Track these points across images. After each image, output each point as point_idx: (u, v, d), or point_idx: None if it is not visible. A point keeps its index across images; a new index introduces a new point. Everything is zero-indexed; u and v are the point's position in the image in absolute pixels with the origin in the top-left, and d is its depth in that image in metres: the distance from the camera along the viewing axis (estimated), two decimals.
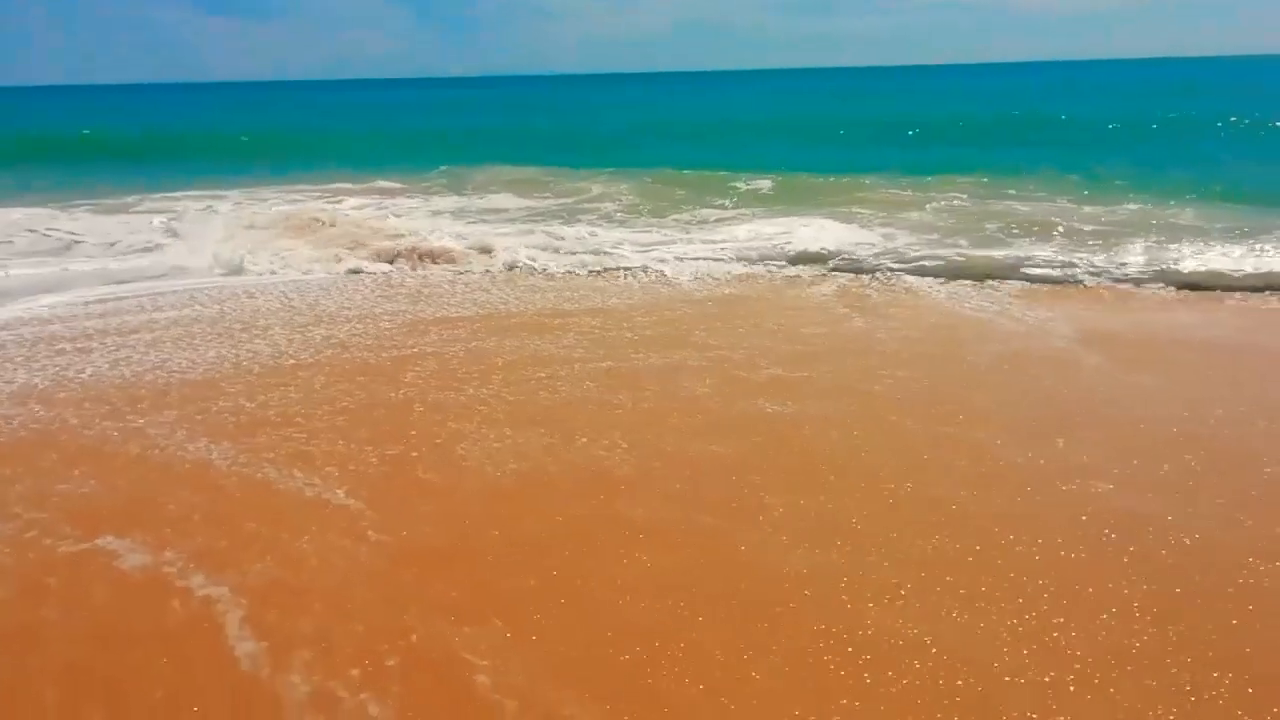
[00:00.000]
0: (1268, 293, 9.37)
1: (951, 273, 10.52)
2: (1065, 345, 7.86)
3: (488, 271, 11.67)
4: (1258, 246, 10.98)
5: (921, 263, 10.86)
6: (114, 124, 45.66)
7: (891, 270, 10.78)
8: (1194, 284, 9.68)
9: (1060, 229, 12.95)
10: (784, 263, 11.52)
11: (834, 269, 11.10)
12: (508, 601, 4.24)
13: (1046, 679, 3.59)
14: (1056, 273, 10.37)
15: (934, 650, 3.78)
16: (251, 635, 4.01)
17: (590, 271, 11.49)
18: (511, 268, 11.74)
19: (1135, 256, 10.77)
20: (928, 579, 4.28)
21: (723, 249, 12.31)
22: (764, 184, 18.51)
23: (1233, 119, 30.08)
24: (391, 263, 12.01)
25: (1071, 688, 3.54)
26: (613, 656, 3.84)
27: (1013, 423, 6.13)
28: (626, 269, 11.49)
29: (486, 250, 12.34)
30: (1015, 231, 13.00)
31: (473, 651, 3.88)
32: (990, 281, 10.23)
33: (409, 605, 4.23)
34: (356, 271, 11.76)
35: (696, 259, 11.85)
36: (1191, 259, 10.38)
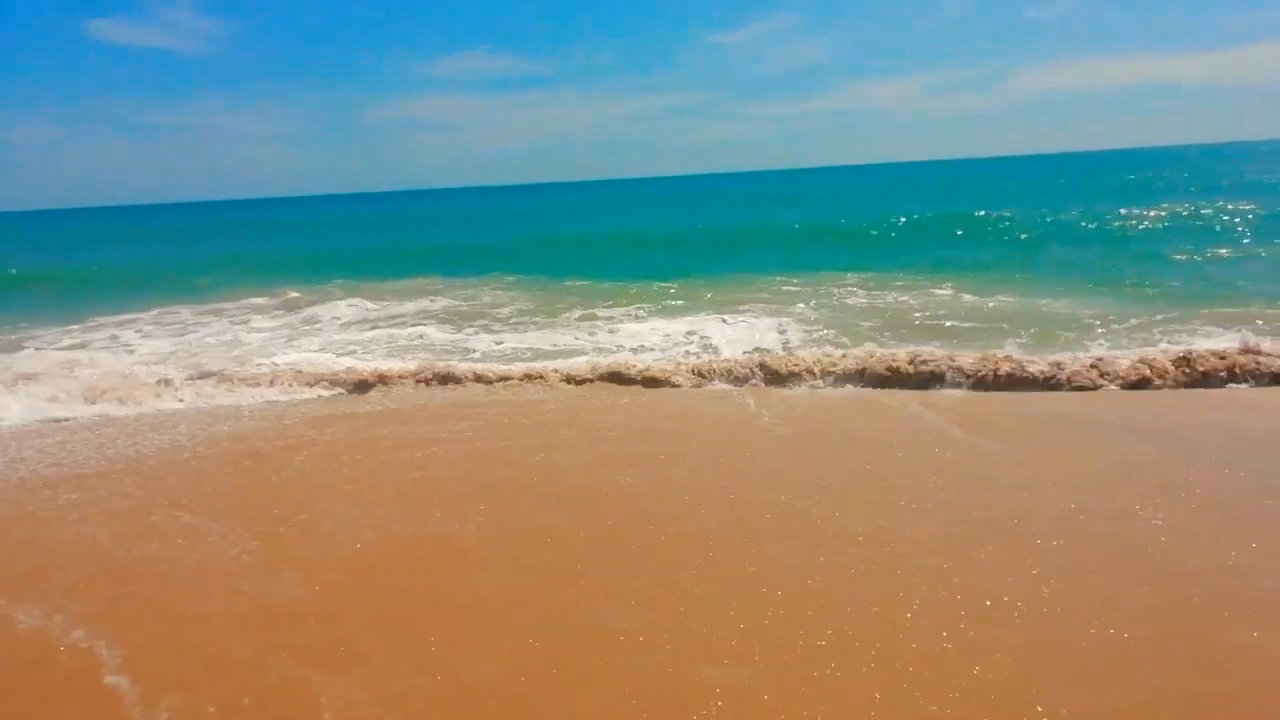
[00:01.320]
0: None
1: (835, 365, 10.88)
2: (933, 430, 8.34)
3: (387, 385, 11.58)
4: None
5: (806, 356, 11.30)
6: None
7: (778, 365, 11.10)
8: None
9: (945, 323, 14.04)
10: (681, 358, 11.95)
11: (727, 363, 11.32)
12: (362, 656, 4.74)
13: None
14: (931, 365, 10.56)
15: (763, 699, 4.21)
16: (127, 679, 4.50)
17: (493, 376, 11.62)
18: (418, 378, 11.60)
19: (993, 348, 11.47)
20: (753, 636, 4.73)
21: (621, 347, 13.14)
22: (659, 288, 19.51)
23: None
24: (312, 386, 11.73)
25: None
26: (455, 708, 4.31)
27: (853, 495, 6.60)
28: (529, 370, 11.79)
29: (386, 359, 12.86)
30: (898, 326, 13.99)
31: (325, 694, 4.39)
32: (867, 372, 10.60)
33: (272, 655, 4.74)
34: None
35: (597, 356, 12.49)
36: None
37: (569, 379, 11.17)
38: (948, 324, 13.94)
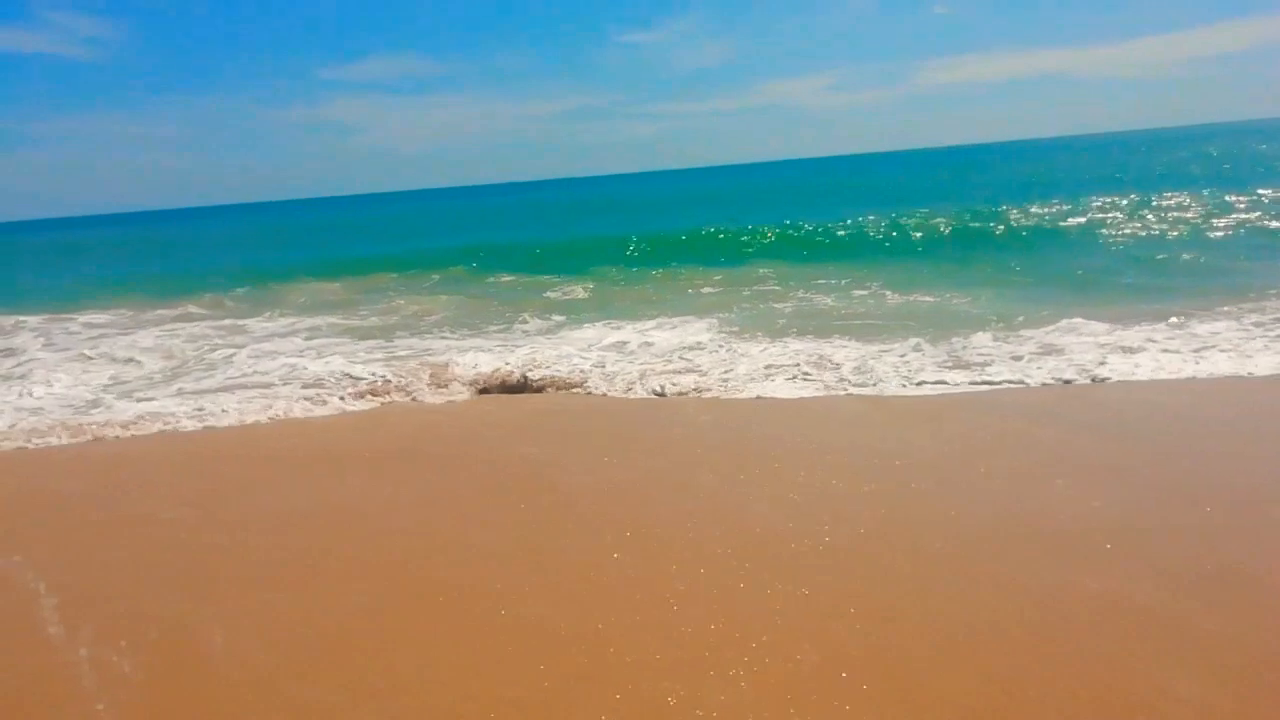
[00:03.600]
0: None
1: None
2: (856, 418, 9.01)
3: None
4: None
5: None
6: None
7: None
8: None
9: (856, 321, 14.52)
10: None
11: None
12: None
13: None
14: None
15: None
16: None
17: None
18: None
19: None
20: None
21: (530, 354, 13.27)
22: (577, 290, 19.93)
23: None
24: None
25: None
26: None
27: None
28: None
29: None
30: (818, 326, 14.25)
31: None
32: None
33: None
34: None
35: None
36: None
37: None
38: (857, 322, 14.41)
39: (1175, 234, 23.18)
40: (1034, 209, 30.71)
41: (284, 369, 13.21)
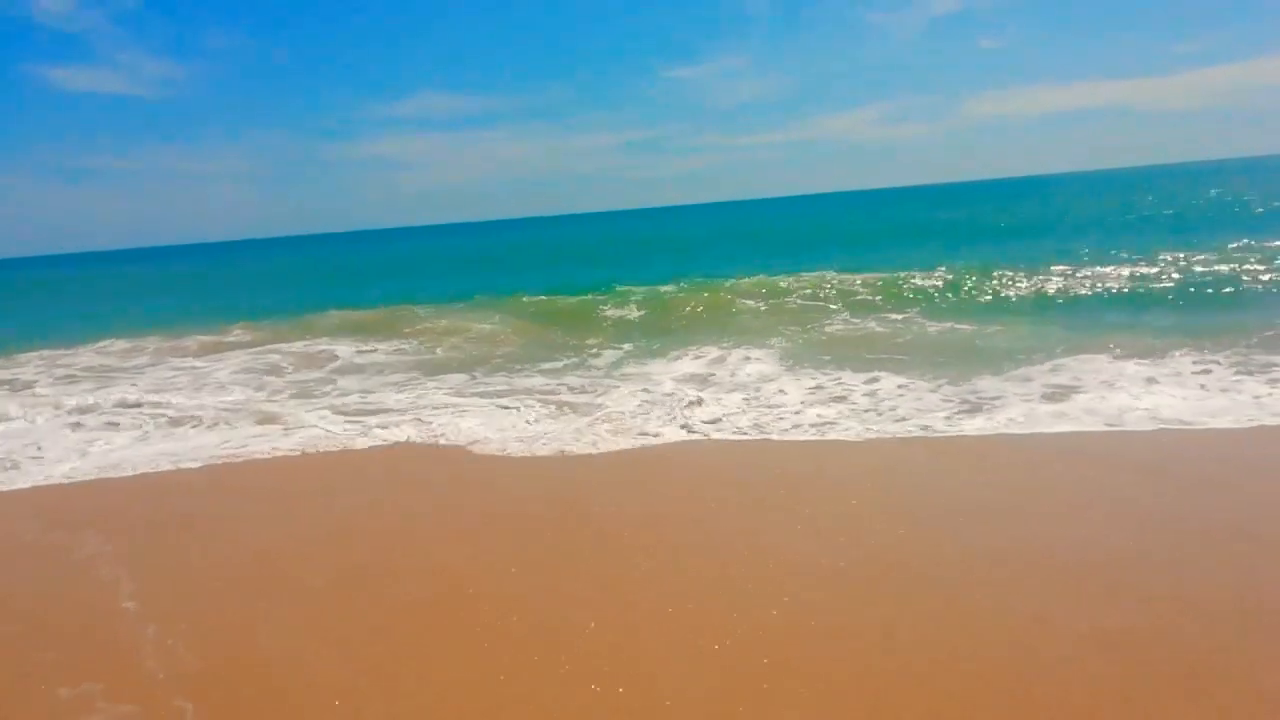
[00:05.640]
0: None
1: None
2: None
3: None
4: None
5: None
6: None
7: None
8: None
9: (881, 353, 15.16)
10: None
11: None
12: None
13: None
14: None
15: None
16: None
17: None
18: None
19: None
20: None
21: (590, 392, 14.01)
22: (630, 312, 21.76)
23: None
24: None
25: None
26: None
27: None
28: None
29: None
30: (851, 355, 14.94)
31: None
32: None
33: None
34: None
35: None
36: None
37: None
38: (899, 357, 14.76)
39: (1213, 273, 22.63)
40: (1083, 246, 30.68)
41: (357, 399, 14.49)
